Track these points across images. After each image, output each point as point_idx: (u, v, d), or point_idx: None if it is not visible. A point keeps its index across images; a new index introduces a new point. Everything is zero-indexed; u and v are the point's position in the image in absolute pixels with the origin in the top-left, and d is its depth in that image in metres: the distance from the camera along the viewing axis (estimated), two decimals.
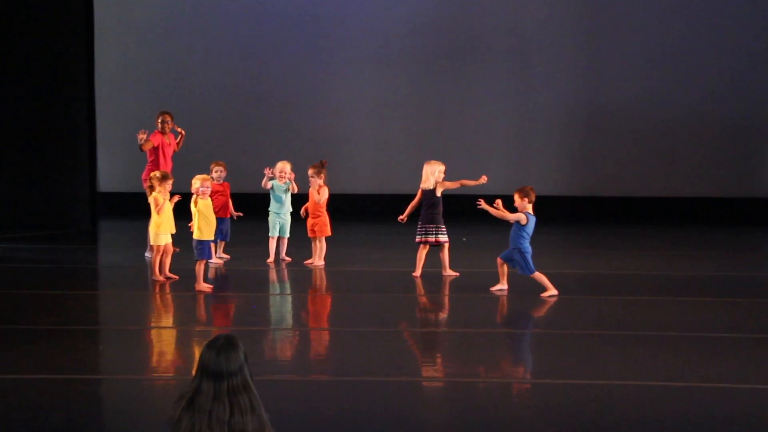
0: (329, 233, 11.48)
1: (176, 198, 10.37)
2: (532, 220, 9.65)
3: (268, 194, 11.77)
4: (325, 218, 11.43)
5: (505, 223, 9.88)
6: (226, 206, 11.66)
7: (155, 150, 11.77)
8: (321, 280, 10.90)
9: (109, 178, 17.06)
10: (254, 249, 12.37)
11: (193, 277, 9.93)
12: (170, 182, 10.32)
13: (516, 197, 9.75)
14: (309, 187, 11.47)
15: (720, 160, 16.88)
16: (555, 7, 16.91)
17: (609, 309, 9.24)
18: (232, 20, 17.05)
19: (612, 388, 6.60)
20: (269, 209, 11.68)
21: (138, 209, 12.24)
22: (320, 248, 11.42)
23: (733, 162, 16.88)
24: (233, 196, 11.93)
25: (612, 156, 17.01)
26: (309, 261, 11.46)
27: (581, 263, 12.26)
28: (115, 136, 16.97)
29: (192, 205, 9.90)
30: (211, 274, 10.85)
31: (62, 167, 14.81)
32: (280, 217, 11.61)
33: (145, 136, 11.43)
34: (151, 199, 10.20)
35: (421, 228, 10.74)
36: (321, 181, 11.34)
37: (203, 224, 9.84)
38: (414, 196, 10.88)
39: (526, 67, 16.92)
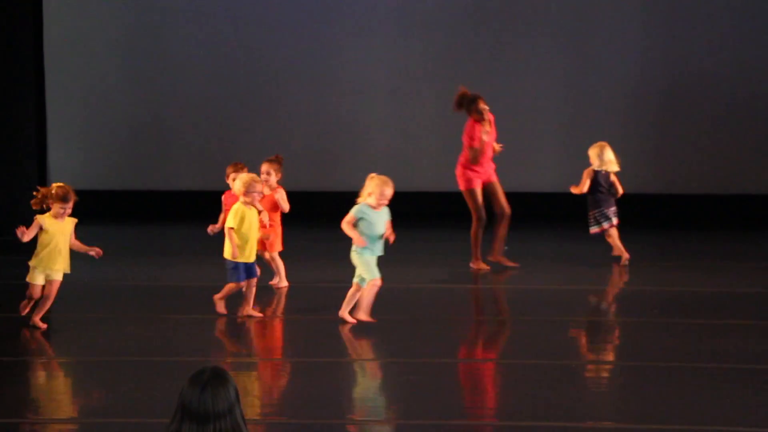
0: (282, 248, 11.23)
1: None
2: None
3: None
4: (280, 229, 11.17)
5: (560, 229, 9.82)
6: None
7: None
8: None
9: (61, 172, 17.07)
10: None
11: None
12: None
13: None
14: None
15: None
16: None
17: (694, 336, 9.31)
18: None
19: None
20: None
21: (99, 211, 12.24)
22: (280, 266, 11.20)
23: None
24: None
25: (696, 143, 16.89)
26: (275, 282, 11.26)
27: (660, 278, 12.36)
28: (69, 120, 17.02)
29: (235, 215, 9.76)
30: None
31: (3, 159, 14.84)
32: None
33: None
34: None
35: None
36: (276, 181, 11.11)
37: (244, 242, 9.76)
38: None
39: (585, 32, 16.84)
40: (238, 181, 9.83)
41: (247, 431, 4.00)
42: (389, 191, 9.65)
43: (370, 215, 9.60)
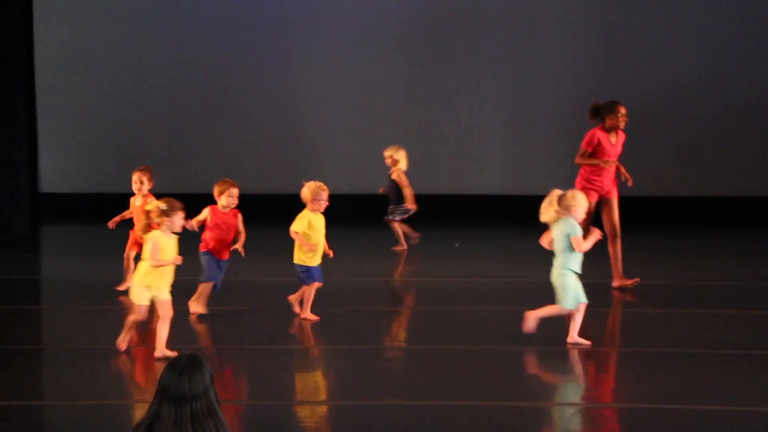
0: None
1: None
2: None
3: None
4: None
5: (505, 228, 9.89)
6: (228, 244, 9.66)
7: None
8: None
9: (52, 177, 16.98)
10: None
11: None
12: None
13: None
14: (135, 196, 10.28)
15: (752, 156, 16.89)
16: None
17: (619, 322, 9.59)
18: None
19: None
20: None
21: (85, 212, 12.19)
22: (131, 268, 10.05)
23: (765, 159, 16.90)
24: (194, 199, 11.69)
25: (628, 150, 16.93)
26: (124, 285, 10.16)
27: (593, 271, 12.28)
28: (58, 129, 16.95)
29: (304, 222, 9.22)
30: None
31: None
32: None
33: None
34: None
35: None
36: (148, 190, 10.30)
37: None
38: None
39: (529, 50, 16.88)
40: (305, 189, 9.21)
41: (220, 411, 3.99)
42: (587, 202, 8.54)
43: (581, 231, 8.41)
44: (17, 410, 6.72)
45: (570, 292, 8.26)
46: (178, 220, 8.00)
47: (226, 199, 9.45)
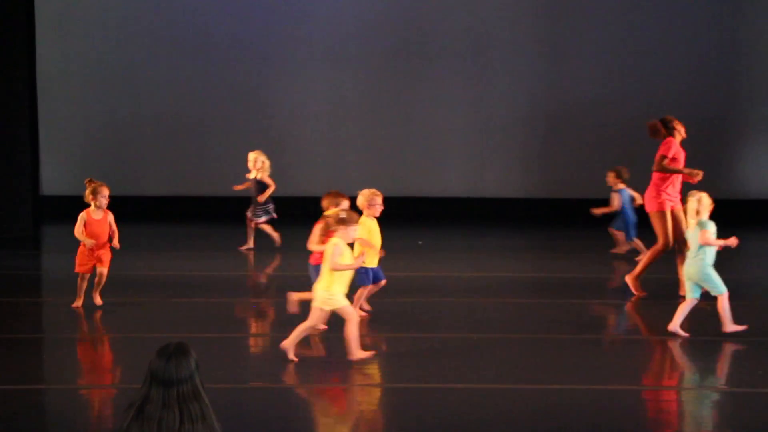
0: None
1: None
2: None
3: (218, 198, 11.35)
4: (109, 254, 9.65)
5: (465, 228, 9.76)
6: None
7: None
8: None
9: (52, 180, 17.00)
10: None
11: None
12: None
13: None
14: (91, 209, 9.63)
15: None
16: (512, 3, 17.07)
17: (564, 313, 9.47)
18: (177, 18, 17.05)
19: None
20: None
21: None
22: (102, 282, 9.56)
23: (700, 163, 17.07)
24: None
25: (572, 157, 17.13)
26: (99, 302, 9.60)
27: (539, 266, 12.47)
28: (58, 136, 16.97)
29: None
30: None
31: (1, 169, 14.71)
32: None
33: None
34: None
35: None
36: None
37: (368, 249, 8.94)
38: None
39: (484, 65, 17.07)
40: (360, 197, 8.95)
41: (205, 395, 4.03)
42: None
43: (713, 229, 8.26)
44: (20, 394, 6.78)
45: (715, 278, 8.22)
46: (353, 231, 7.65)
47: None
